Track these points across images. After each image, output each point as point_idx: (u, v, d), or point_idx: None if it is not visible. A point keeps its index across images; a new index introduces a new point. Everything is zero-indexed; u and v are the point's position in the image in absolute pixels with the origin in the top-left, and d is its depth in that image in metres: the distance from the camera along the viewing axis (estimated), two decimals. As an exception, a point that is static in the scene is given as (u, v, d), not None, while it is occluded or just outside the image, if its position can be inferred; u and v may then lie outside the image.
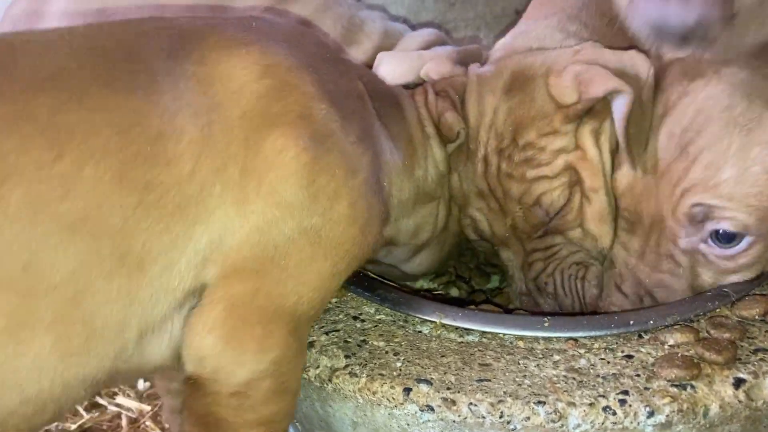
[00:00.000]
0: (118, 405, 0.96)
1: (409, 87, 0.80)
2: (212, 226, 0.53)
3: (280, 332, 0.55)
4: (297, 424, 0.74)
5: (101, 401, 0.97)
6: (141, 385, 1.00)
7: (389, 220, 0.68)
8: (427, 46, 0.95)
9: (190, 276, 0.54)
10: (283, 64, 0.59)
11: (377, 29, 0.99)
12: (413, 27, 1.12)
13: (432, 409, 0.57)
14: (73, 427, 0.92)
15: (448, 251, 0.82)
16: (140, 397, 0.97)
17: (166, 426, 0.90)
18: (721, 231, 0.63)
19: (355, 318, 0.69)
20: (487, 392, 0.57)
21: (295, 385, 0.58)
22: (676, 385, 0.57)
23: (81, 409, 0.95)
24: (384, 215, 0.64)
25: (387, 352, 0.63)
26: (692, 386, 0.57)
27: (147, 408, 0.95)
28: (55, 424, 0.93)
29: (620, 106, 0.67)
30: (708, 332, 0.63)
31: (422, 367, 0.60)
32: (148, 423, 0.92)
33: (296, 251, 0.55)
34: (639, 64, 0.69)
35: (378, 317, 0.69)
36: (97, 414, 0.95)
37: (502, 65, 0.75)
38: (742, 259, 0.64)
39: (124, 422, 0.93)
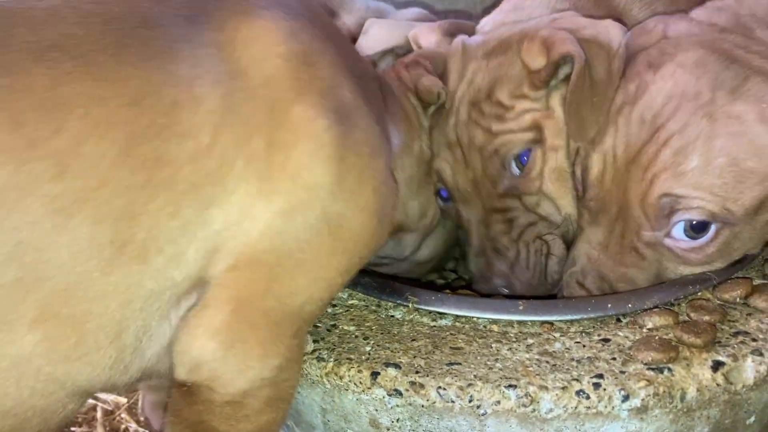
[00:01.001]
0: (94, 397, 0.94)
1: (395, 53, 0.79)
2: (230, 209, 0.48)
3: (284, 335, 0.51)
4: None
5: (77, 393, 0.95)
6: (119, 377, 0.98)
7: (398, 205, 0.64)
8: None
9: (197, 267, 0.48)
10: (308, 30, 0.54)
11: (359, 6, 0.98)
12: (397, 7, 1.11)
13: (400, 394, 0.55)
14: None
15: (452, 236, 0.80)
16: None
17: (142, 419, 0.88)
18: (689, 222, 0.62)
19: (326, 303, 0.67)
20: (456, 376, 0.55)
21: (292, 393, 0.55)
22: (652, 368, 0.55)
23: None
24: (398, 202, 0.60)
25: (357, 337, 0.61)
26: (669, 369, 0.55)
27: (123, 400, 0.92)
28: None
29: (573, 74, 0.66)
30: (688, 315, 0.61)
31: (392, 351, 0.59)
32: (123, 415, 0.90)
33: (316, 243, 0.50)
34: (613, 33, 0.68)
35: (350, 302, 0.67)
36: None
37: (489, 36, 0.75)
38: (709, 249, 0.63)
39: (99, 414, 0.91)
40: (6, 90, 0.43)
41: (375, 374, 0.56)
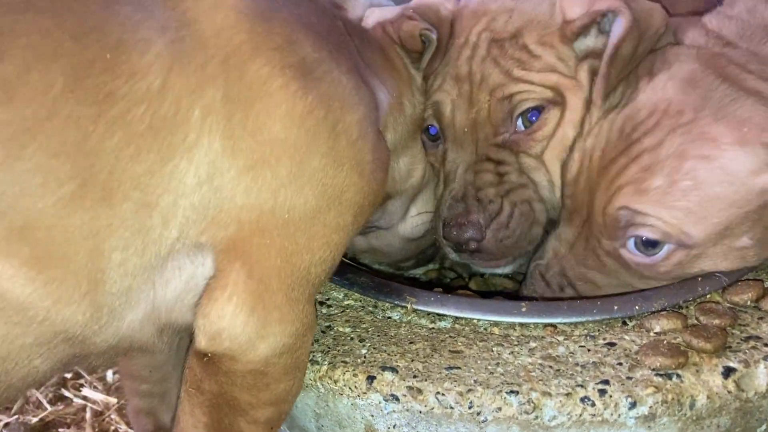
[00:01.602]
0: (84, 398, 0.92)
1: None
2: (199, 163, 0.46)
3: (299, 300, 0.50)
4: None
5: (66, 393, 0.93)
6: (110, 376, 0.96)
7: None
8: None
9: (177, 226, 0.46)
10: None
11: (363, 1, 0.96)
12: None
13: (397, 399, 0.53)
14: (34, 420, 0.88)
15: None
16: (108, 389, 0.93)
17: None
18: (640, 238, 0.61)
19: (321, 303, 0.64)
20: (456, 381, 0.53)
21: (306, 360, 0.53)
22: (660, 375, 0.52)
23: (44, 402, 0.91)
24: (388, 158, 0.58)
25: (352, 339, 0.59)
26: (678, 375, 0.52)
27: (113, 401, 0.90)
28: (15, 416, 0.89)
29: (617, 29, 0.63)
30: (697, 319, 0.59)
31: (389, 354, 0.56)
32: (113, 416, 0.88)
33: (299, 200, 0.49)
34: (657, 16, 0.66)
35: (346, 303, 0.64)
36: (61, 407, 0.91)
37: None
38: (661, 268, 0.62)
39: (88, 415, 0.88)
40: None
41: (371, 378, 0.54)
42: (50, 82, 0.42)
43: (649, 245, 0.61)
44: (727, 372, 0.53)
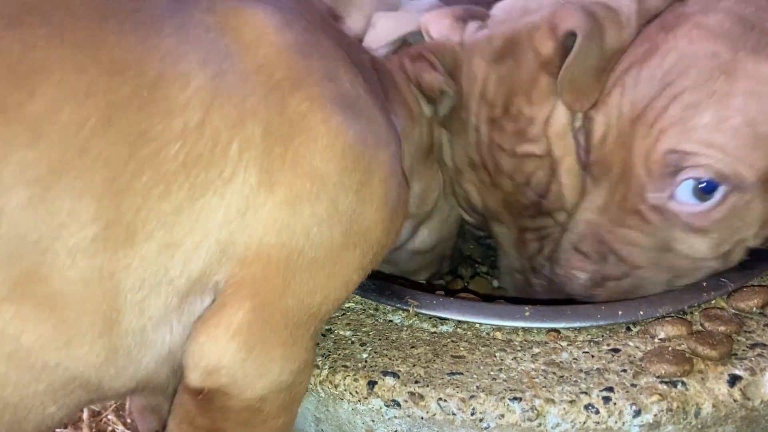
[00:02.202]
0: (81, 397, 0.91)
1: (407, 41, 0.76)
2: (230, 199, 0.45)
3: (303, 338, 0.49)
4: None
5: (64, 393, 0.92)
6: (107, 376, 0.95)
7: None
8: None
9: (199, 266, 0.45)
10: (300, 22, 0.52)
11: (365, 11, 0.94)
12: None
13: (398, 405, 0.52)
14: (31, 419, 0.87)
15: (454, 223, 0.77)
16: (105, 389, 0.92)
17: (129, 421, 0.85)
18: (697, 182, 0.56)
19: (322, 306, 0.64)
20: (458, 387, 0.52)
21: (302, 397, 0.52)
22: (665, 382, 0.52)
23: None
24: (408, 194, 0.57)
25: (353, 343, 0.58)
26: (683, 383, 0.52)
27: (110, 401, 0.90)
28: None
29: (575, 47, 0.61)
30: (702, 325, 0.58)
31: (390, 359, 0.55)
32: (110, 417, 0.87)
33: (327, 239, 0.48)
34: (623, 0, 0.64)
35: (347, 305, 0.64)
36: None
37: (494, 30, 0.70)
38: (716, 214, 0.57)
39: (85, 415, 0.87)
40: None
41: (372, 383, 0.53)
42: (81, 121, 0.41)
43: (706, 190, 0.57)
44: (733, 380, 0.52)
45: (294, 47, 0.49)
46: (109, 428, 0.86)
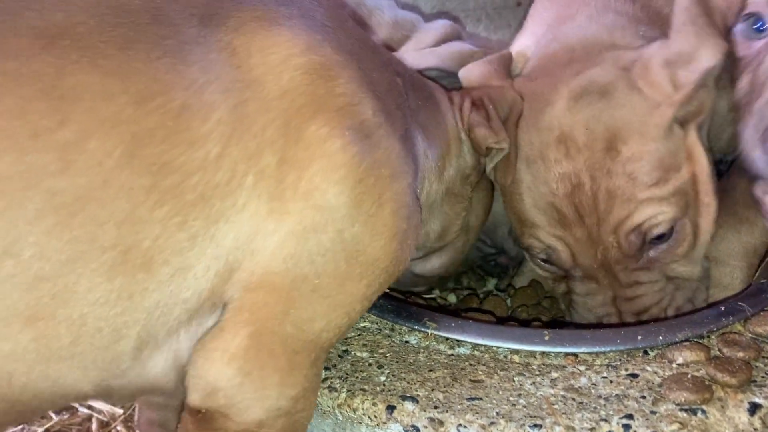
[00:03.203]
0: (90, 408, 0.90)
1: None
2: (240, 226, 0.46)
3: (303, 365, 0.49)
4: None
5: (72, 403, 0.92)
6: (115, 385, 0.95)
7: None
8: (443, 40, 0.89)
9: (208, 286, 0.46)
10: (330, 43, 0.51)
11: (387, 20, 0.93)
12: (423, 15, 1.06)
13: (417, 430, 0.52)
14: (40, 430, 0.86)
15: (463, 255, 0.76)
16: (114, 398, 0.92)
17: (138, 432, 0.85)
18: None
19: (338, 325, 0.63)
20: (477, 413, 0.52)
21: (305, 424, 0.52)
22: (685, 410, 0.52)
23: (50, 412, 0.90)
24: (420, 225, 0.57)
25: (370, 365, 0.58)
26: (703, 411, 0.52)
27: (119, 411, 0.89)
28: (21, 426, 0.88)
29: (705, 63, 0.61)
30: (720, 350, 0.58)
31: (408, 383, 0.55)
32: (119, 428, 0.87)
33: (332, 268, 0.48)
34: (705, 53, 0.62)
35: (363, 324, 0.63)
36: (66, 416, 0.89)
37: (550, 79, 0.68)
38: None
39: (94, 426, 0.87)
40: (11, 75, 0.41)
41: (391, 408, 0.53)
42: (108, 151, 0.42)
43: None
44: (753, 408, 0.52)
45: (320, 71, 0.49)
46: (119, 440, 0.86)
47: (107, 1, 0.46)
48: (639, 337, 0.58)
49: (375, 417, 0.53)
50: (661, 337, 0.58)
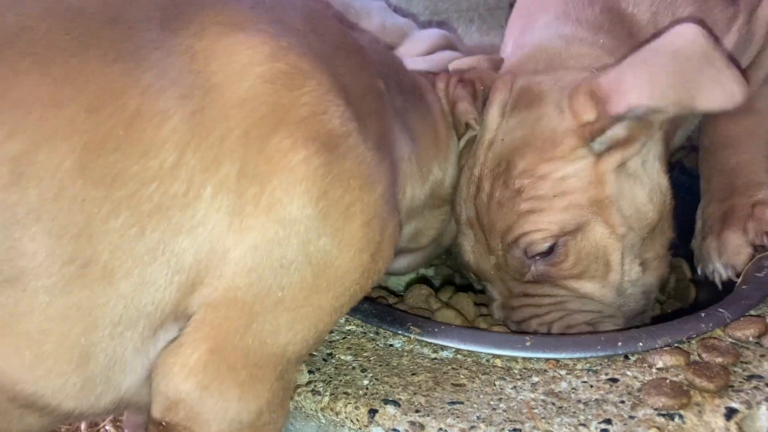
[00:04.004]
0: (78, 406, 0.91)
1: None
2: (202, 240, 0.45)
3: (266, 378, 0.48)
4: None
5: (61, 402, 0.92)
6: (104, 385, 0.95)
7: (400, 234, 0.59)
8: (434, 49, 0.89)
9: (171, 300, 0.45)
10: (297, 49, 0.49)
11: (374, 24, 0.93)
12: (416, 20, 1.06)
13: (399, 434, 0.53)
14: (28, 430, 0.87)
15: (432, 256, 0.77)
16: (103, 398, 0.93)
17: (126, 431, 0.86)
18: None
19: (323, 328, 0.64)
20: (458, 417, 0.52)
21: None
22: (663, 415, 0.52)
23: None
24: (398, 234, 0.55)
25: (354, 368, 0.58)
26: (680, 416, 0.52)
27: (108, 411, 0.90)
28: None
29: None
30: (699, 356, 0.58)
31: (391, 386, 0.56)
32: (108, 427, 0.87)
33: (297, 281, 0.47)
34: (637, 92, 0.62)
35: (348, 328, 0.64)
36: None
37: (508, 79, 0.69)
38: None
39: (83, 426, 0.88)
40: None
41: (373, 412, 0.54)
42: (59, 163, 0.41)
43: None
44: (730, 413, 0.53)
45: (282, 79, 0.47)
46: (107, 440, 0.87)
47: (62, 3, 0.45)
48: (619, 343, 0.59)
49: (357, 420, 0.54)
50: (641, 343, 0.59)
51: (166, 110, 0.44)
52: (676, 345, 0.59)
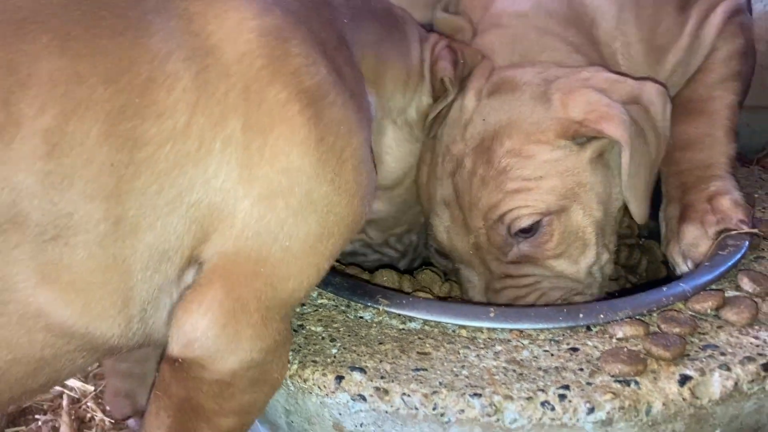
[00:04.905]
0: (62, 385, 0.92)
1: None
2: (213, 192, 0.48)
3: (274, 320, 0.51)
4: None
5: (44, 380, 0.93)
6: (88, 365, 0.96)
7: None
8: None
9: (189, 245, 0.49)
10: (279, 6, 0.53)
11: None
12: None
13: (364, 399, 0.54)
14: (11, 407, 0.88)
15: (408, 213, 0.77)
16: (86, 377, 0.94)
17: (107, 408, 0.87)
18: None
19: (295, 301, 0.65)
20: (421, 382, 0.54)
21: (277, 377, 0.55)
22: (619, 381, 0.54)
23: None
24: (375, 178, 0.58)
25: (323, 338, 0.60)
26: (636, 382, 0.54)
27: (90, 389, 0.91)
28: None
29: (624, 161, 0.64)
30: (658, 327, 0.60)
31: (358, 355, 0.58)
32: (89, 404, 0.89)
33: (303, 228, 0.50)
34: (654, 95, 0.67)
35: (319, 302, 0.66)
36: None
37: (487, 67, 0.71)
38: None
39: (65, 402, 0.89)
40: None
41: (339, 378, 0.55)
42: (86, 132, 0.45)
43: None
44: (683, 380, 0.55)
45: (274, 32, 0.51)
46: (88, 415, 0.88)
47: None
48: (581, 315, 0.60)
49: (324, 387, 0.56)
50: (602, 315, 0.61)
51: (175, 73, 0.48)
52: (636, 317, 0.61)
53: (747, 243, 0.69)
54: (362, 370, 0.56)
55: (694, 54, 0.79)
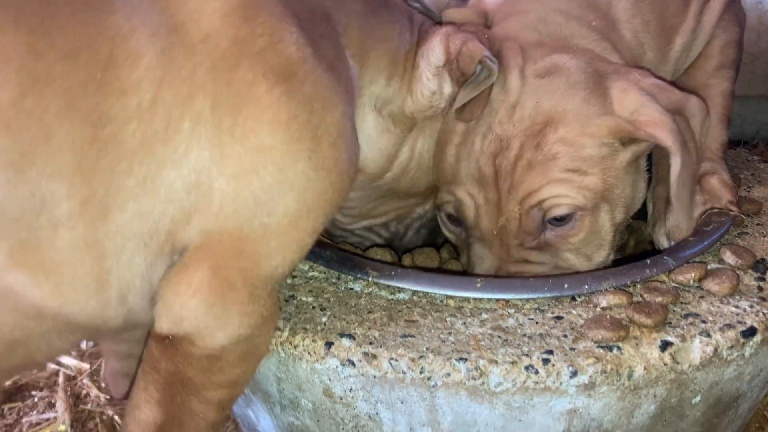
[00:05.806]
0: (57, 363, 0.94)
1: None
2: (186, 171, 0.48)
3: (261, 296, 0.52)
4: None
5: (40, 359, 0.95)
6: (84, 343, 0.98)
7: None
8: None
9: (166, 229, 0.49)
10: None
11: None
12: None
13: (353, 364, 0.56)
14: (8, 383, 0.90)
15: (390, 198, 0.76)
16: (81, 355, 0.95)
17: (103, 385, 0.88)
18: None
19: (287, 274, 0.67)
20: (409, 348, 0.56)
21: (264, 349, 0.56)
22: (602, 347, 0.56)
23: (18, 366, 0.93)
24: (359, 153, 0.58)
25: (314, 308, 0.61)
26: (618, 348, 0.56)
27: (86, 366, 0.92)
28: (-11, 379, 0.91)
29: (674, 168, 0.65)
30: (642, 296, 0.62)
31: (347, 323, 0.59)
32: (85, 381, 0.90)
33: (280, 206, 0.50)
34: (696, 109, 0.68)
35: (311, 274, 0.67)
36: (34, 371, 0.93)
37: (515, 45, 0.70)
38: None
39: (60, 380, 0.90)
40: None
41: (329, 344, 0.57)
42: (45, 107, 0.44)
43: None
44: (665, 345, 0.56)
45: (238, 12, 0.50)
46: (84, 392, 0.89)
47: None
48: (566, 285, 0.62)
49: (314, 353, 0.57)
50: (587, 285, 0.62)
51: (138, 50, 0.47)
52: (621, 288, 0.63)
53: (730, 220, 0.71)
54: (351, 336, 0.57)
55: (696, 38, 0.80)
